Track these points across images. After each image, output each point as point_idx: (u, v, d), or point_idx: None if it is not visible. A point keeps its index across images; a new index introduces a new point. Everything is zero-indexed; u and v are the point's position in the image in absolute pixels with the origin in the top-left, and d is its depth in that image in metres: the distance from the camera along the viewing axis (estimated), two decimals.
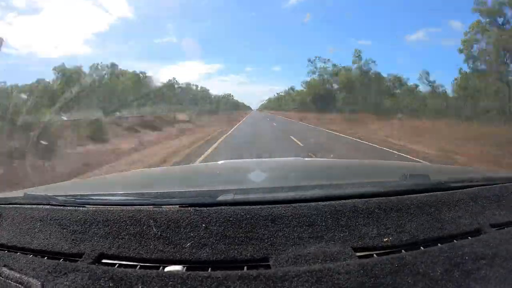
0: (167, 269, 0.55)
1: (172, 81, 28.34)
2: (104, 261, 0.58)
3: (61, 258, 0.60)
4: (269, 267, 0.55)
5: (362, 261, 0.54)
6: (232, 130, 16.35)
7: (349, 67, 26.44)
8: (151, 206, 0.69)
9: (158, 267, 0.56)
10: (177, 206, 0.68)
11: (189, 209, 0.66)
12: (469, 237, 0.64)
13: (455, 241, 0.62)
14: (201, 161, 6.54)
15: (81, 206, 0.72)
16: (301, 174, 1.31)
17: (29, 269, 0.56)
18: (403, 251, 0.59)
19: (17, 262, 0.59)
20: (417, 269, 0.52)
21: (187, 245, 0.59)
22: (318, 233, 0.61)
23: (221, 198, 0.71)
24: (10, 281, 0.54)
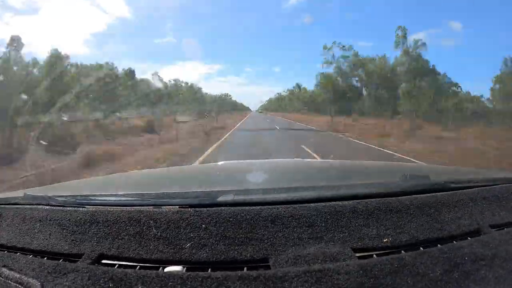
0: (166, 270, 0.55)
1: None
2: (104, 261, 0.58)
3: (61, 258, 0.60)
4: (269, 267, 0.55)
5: (361, 262, 0.54)
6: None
7: (377, 58, 19.36)
8: (151, 206, 0.69)
9: (157, 268, 0.56)
10: (177, 206, 0.68)
11: (189, 209, 0.66)
12: (469, 238, 0.64)
13: (454, 241, 0.62)
14: None
15: (80, 206, 0.72)
16: (301, 175, 1.31)
17: (29, 269, 0.56)
18: (402, 251, 0.59)
19: (16, 262, 0.59)
20: (417, 270, 0.52)
21: (187, 246, 0.59)
22: (317, 233, 0.61)
23: (221, 198, 0.71)
24: (9, 282, 0.54)
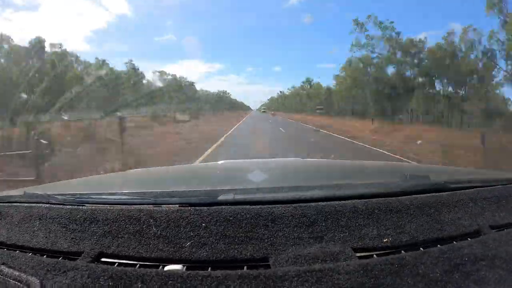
0: (166, 268, 0.55)
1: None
2: (103, 259, 0.58)
3: (60, 256, 0.60)
4: (269, 267, 0.55)
5: (362, 262, 0.54)
6: None
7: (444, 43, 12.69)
8: (151, 205, 0.69)
9: (157, 266, 0.56)
10: (177, 205, 0.68)
11: (189, 208, 0.66)
12: (469, 238, 0.64)
13: (454, 242, 0.62)
14: None
15: (80, 204, 0.72)
16: (301, 174, 1.31)
17: (28, 267, 0.56)
18: (402, 251, 0.59)
19: (16, 260, 0.59)
20: (417, 270, 0.52)
21: (187, 245, 0.59)
22: (318, 233, 0.61)
23: (221, 197, 0.71)
24: (9, 279, 0.54)
